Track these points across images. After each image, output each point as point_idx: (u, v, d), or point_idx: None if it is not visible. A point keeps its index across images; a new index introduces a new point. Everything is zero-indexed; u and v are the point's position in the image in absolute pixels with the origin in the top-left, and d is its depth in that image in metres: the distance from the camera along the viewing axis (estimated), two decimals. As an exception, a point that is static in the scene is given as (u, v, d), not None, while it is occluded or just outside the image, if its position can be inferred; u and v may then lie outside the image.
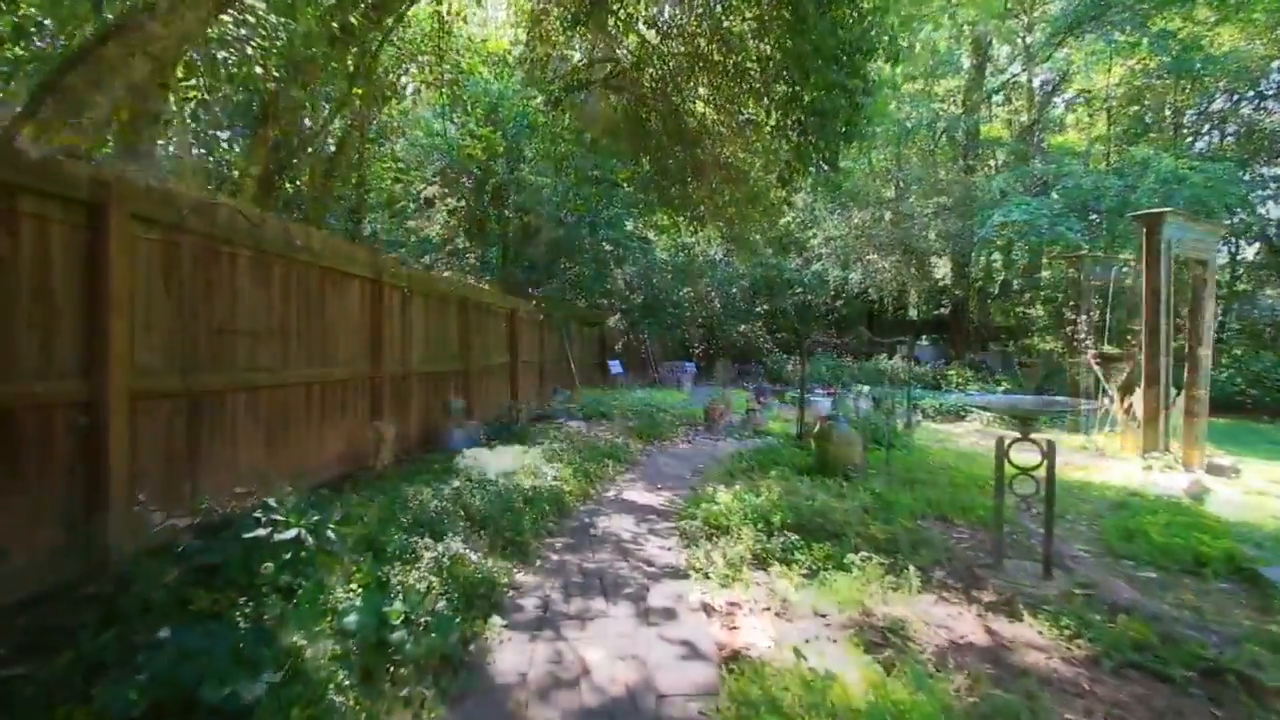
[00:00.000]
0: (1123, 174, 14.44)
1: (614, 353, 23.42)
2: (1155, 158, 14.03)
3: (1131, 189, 13.80)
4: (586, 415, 9.96)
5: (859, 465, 5.37)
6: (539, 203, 12.94)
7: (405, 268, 7.62)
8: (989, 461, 7.73)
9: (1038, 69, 20.34)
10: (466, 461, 5.94)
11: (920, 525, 4.34)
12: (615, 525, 4.51)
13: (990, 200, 16.00)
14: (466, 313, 8.97)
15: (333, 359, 5.41)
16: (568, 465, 5.87)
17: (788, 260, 22.25)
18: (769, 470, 5.53)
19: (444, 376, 8.18)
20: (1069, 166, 14.68)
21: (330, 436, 5.33)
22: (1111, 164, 16.29)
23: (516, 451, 6.48)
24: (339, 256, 5.50)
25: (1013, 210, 14.30)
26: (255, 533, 2.87)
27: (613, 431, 9.04)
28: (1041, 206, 14.25)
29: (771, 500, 4.43)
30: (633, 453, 7.46)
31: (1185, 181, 13.14)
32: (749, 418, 9.81)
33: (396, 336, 6.72)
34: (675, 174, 10.63)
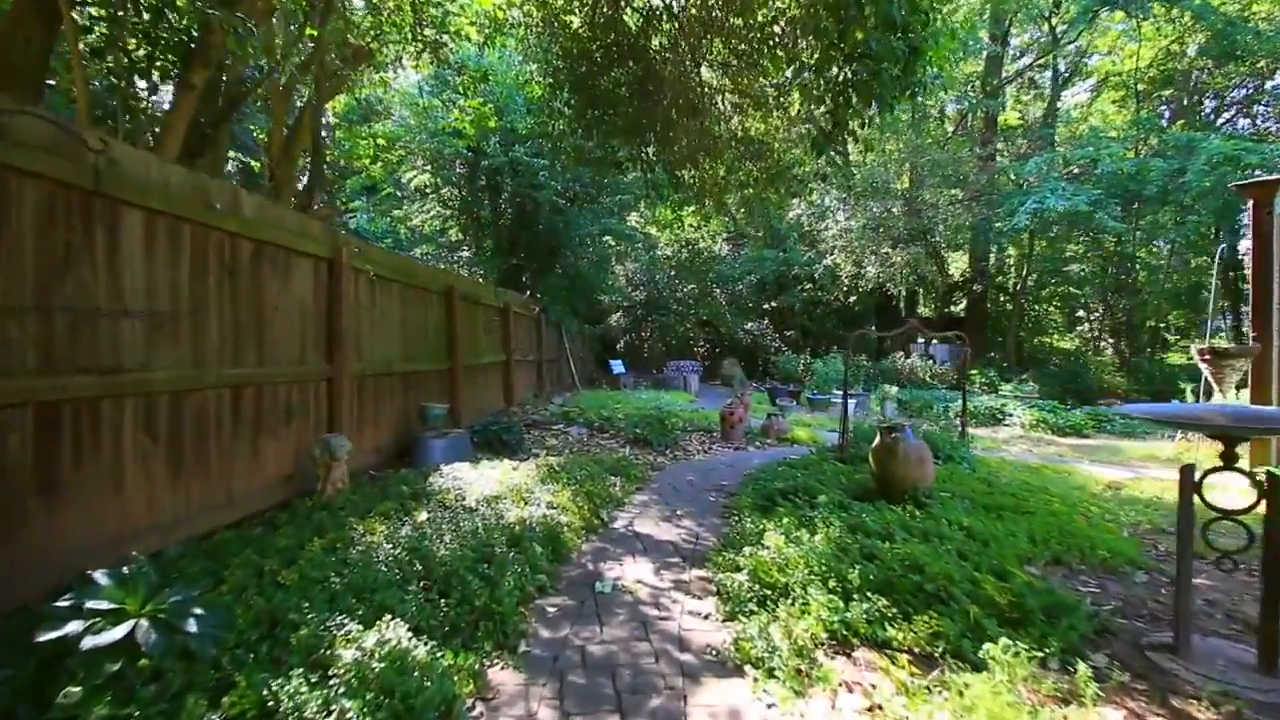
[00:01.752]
0: (1166, 157, 13.34)
1: (616, 351, 22.35)
2: (1203, 139, 12.93)
3: (1179, 172, 12.71)
4: (588, 420, 8.87)
5: (929, 488, 4.28)
6: (535, 186, 11.85)
7: (378, 249, 6.53)
8: (1071, 477, 6.60)
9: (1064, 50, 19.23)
10: (444, 481, 4.86)
11: (1034, 574, 3.25)
12: (629, 575, 3.41)
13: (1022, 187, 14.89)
14: (452, 305, 7.89)
15: (273, 355, 4.32)
16: (566, 486, 4.78)
17: (799, 254, 21.12)
18: (815, 494, 4.44)
19: (425, 377, 7.09)
20: (1108, 149, 13.61)
21: (268, 454, 4.24)
22: (1151, 147, 15.17)
23: (506, 468, 5.39)
24: (281, 228, 4.40)
25: (1048, 197, 13.20)
26: (62, 631, 1.79)
27: (618, 440, 7.96)
28: (1079, 192, 13.15)
29: (835, 542, 3.34)
30: (642, 467, 6.37)
31: (1240, 163, 12.05)
32: (770, 423, 8.72)
33: (363, 330, 5.63)
34: (686, 152, 9.54)
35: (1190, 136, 13.34)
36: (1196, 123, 17.87)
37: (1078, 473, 6.47)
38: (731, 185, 9.69)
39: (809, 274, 21.80)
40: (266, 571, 2.73)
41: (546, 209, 12.66)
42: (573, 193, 13.94)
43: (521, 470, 5.28)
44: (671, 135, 9.42)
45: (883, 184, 19.25)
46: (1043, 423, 10.61)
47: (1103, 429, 10.68)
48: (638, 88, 9.23)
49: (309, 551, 3.01)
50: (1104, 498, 5.27)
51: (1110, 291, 20.78)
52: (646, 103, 9.27)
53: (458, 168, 13.50)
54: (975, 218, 16.58)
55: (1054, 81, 19.15)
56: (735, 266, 23.13)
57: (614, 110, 9.84)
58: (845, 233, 18.27)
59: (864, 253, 18.98)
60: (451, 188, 14.17)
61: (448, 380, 7.76)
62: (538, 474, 5.13)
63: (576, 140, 10.77)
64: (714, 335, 24.86)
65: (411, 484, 4.73)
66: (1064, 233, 16.97)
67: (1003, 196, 15.81)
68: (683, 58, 9.11)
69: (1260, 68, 17.23)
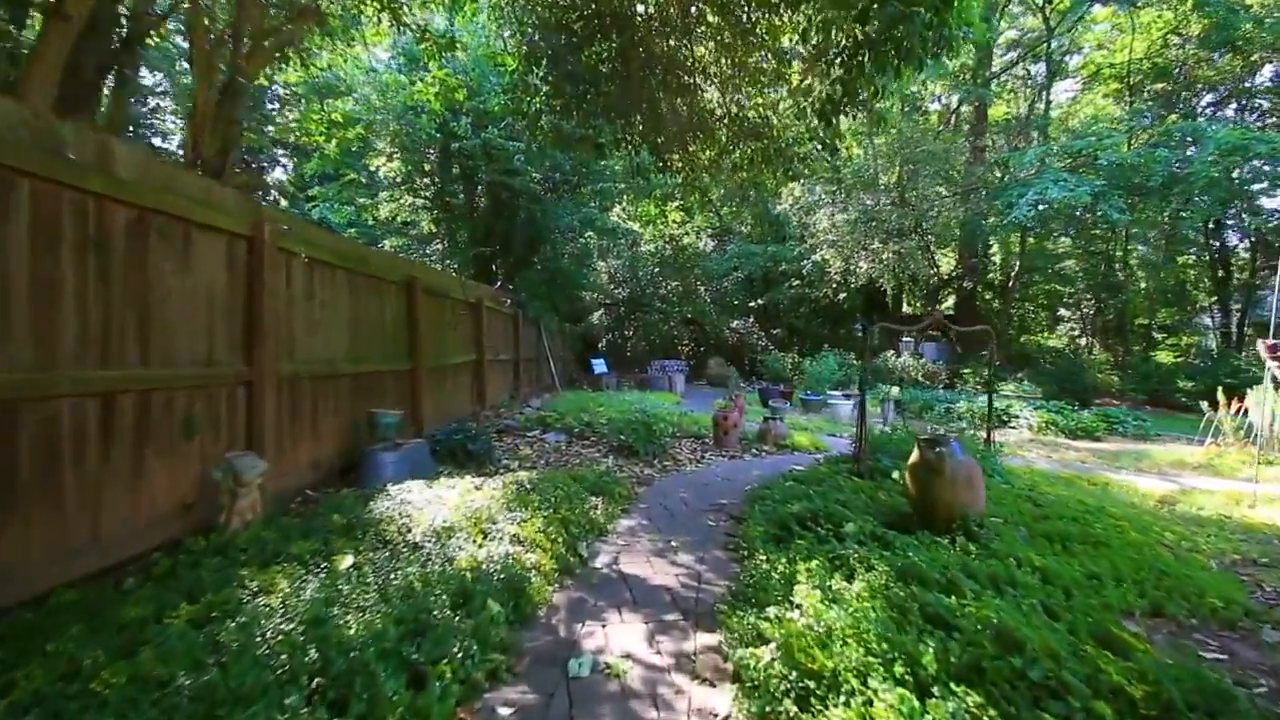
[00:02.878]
0: (1170, 148, 12.84)
1: (598, 351, 21.48)
2: (1207, 129, 12.44)
3: (1184, 163, 12.20)
4: (567, 426, 8.03)
5: (980, 514, 3.52)
6: (510, 172, 10.96)
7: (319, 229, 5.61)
8: (1112, 491, 5.66)
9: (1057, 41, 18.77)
10: (389, 506, 3.99)
11: (1139, 635, 2.49)
12: (615, 644, 2.58)
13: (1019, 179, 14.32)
14: (414, 299, 7.00)
15: (164, 353, 3.42)
16: (537, 510, 3.95)
17: (789, 249, 20.44)
18: (840, 522, 3.66)
19: (380, 380, 6.20)
20: (1109, 139, 13.10)
21: (157, 479, 3.35)
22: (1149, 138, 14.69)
23: (467, 486, 4.54)
24: (176, 194, 3.50)
25: (1049, 188, 12.62)
26: None
27: (600, 448, 7.13)
28: (1081, 184, 12.58)
29: (884, 595, 2.55)
30: (627, 482, 5.55)
31: (1248, 152, 11.57)
32: (767, 428, 7.95)
33: (298, 324, 4.74)
34: (674, 132, 8.74)
35: (1194, 126, 12.86)
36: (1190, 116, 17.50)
37: (1116, 484, 5.78)
38: (724, 168, 8.91)
39: (797, 270, 21.13)
40: (85, 668, 1.86)
41: (524, 198, 11.78)
42: (552, 182, 13.09)
43: (485, 489, 4.43)
44: (659, 115, 8.63)
45: (872, 177, 18.65)
46: (1052, 425, 9.98)
47: (1114, 431, 10.10)
48: (621, 63, 8.42)
49: (168, 627, 2.15)
50: (1164, 517, 4.57)
51: (1101, 289, 20.42)
52: (631, 80, 8.45)
53: (429, 154, 12.56)
54: (969, 211, 16.00)
55: (1048, 72, 18.66)
56: (721, 262, 22.38)
57: (595, 88, 9.00)
58: (835, 226, 17.58)
59: (854, 247, 18.34)
60: (424, 177, 13.24)
61: (408, 383, 6.87)
62: (504, 495, 4.29)
63: (554, 120, 9.94)
64: (699, 334, 24.12)
65: (347, 511, 3.86)
66: (1059, 227, 16.46)
67: (998, 190, 15.23)
68: (672, 28, 8.33)
69: (1254, 60, 16.94)
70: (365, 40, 7.71)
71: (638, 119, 8.90)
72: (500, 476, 5.02)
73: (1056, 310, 24.45)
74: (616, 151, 9.64)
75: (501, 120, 10.40)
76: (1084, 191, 12.29)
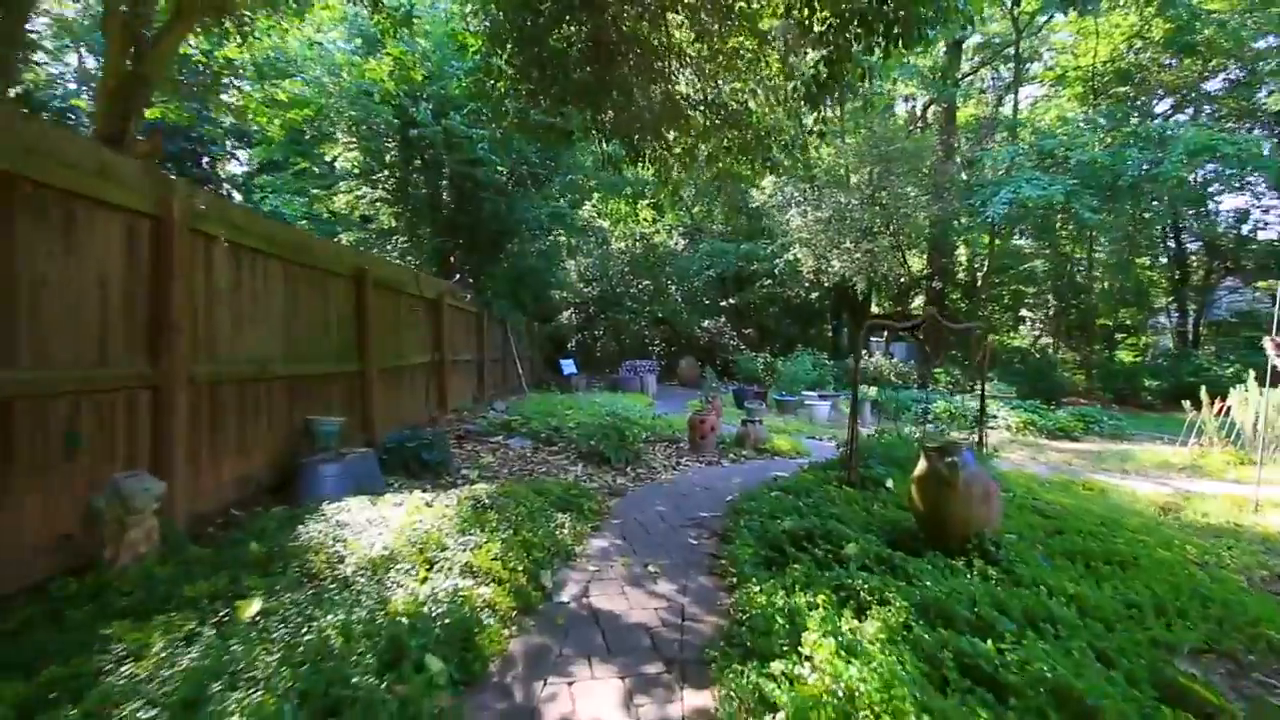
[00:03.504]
0: (1140, 148, 12.89)
1: (567, 351, 20.91)
2: (1177, 129, 12.52)
3: (1155, 163, 12.24)
4: (533, 431, 7.51)
5: (995, 532, 3.14)
6: (474, 162, 10.35)
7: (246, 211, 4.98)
8: (1108, 496, 5.18)
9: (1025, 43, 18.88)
10: (321, 530, 3.44)
11: (1193, 676, 2.12)
12: (581, 710, 2.10)
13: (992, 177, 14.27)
14: (364, 293, 6.41)
15: (37, 352, 2.83)
16: (495, 532, 3.45)
17: (761, 247, 20.18)
18: (839, 541, 3.24)
19: (323, 383, 5.60)
20: (1080, 138, 13.11)
21: (25, 508, 2.75)
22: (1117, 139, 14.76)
23: (417, 503, 4.00)
24: (52, 159, 2.90)
25: (1023, 186, 12.55)
26: None
27: (568, 455, 6.63)
28: (1055, 182, 12.54)
29: (905, 638, 2.13)
30: (598, 494, 5.07)
31: (1216, 152, 11.65)
32: (746, 431, 7.55)
33: (219, 319, 4.14)
34: (648, 120, 8.30)
35: (1163, 126, 12.95)
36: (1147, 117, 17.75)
37: (1112, 489, 5.52)
38: (699, 157, 8.49)
39: (769, 269, 20.91)
40: None
41: (488, 191, 11.19)
42: (519, 174, 12.51)
43: (437, 506, 3.90)
44: (632, 102, 8.17)
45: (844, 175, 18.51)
46: (1030, 425, 9.83)
47: (1091, 431, 9.99)
48: (592, 47, 7.94)
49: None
50: (1171, 525, 4.28)
51: (1067, 289, 20.65)
52: (602, 65, 7.99)
53: (388, 143, 11.86)
54: (942, 209, 15.92)
55: (1017, 72, 18.76)
56: (693, 261, 22.02)
57: (564, 73, 8.50)
58: (808, 225, 17.36)
59: (827, 246, 18.15)
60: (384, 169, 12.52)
61: (357, 385, 6.28)
62: (458, 513, 3.77)
63: (520, 105, 9.40)
64: (670, 333, 23.74)
65: (270, 538, 3.30)
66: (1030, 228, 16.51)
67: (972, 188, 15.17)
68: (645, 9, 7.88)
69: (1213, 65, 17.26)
70: (313, 5, 7.05)
71: (608, 106, 8.41)
72: (456, 490, 4.49)
73: (1019, 311, 24.74)
74: (586, 140, 9.15)
75: (464, 107, 9.80)
76: (1058, 190, 12.25)
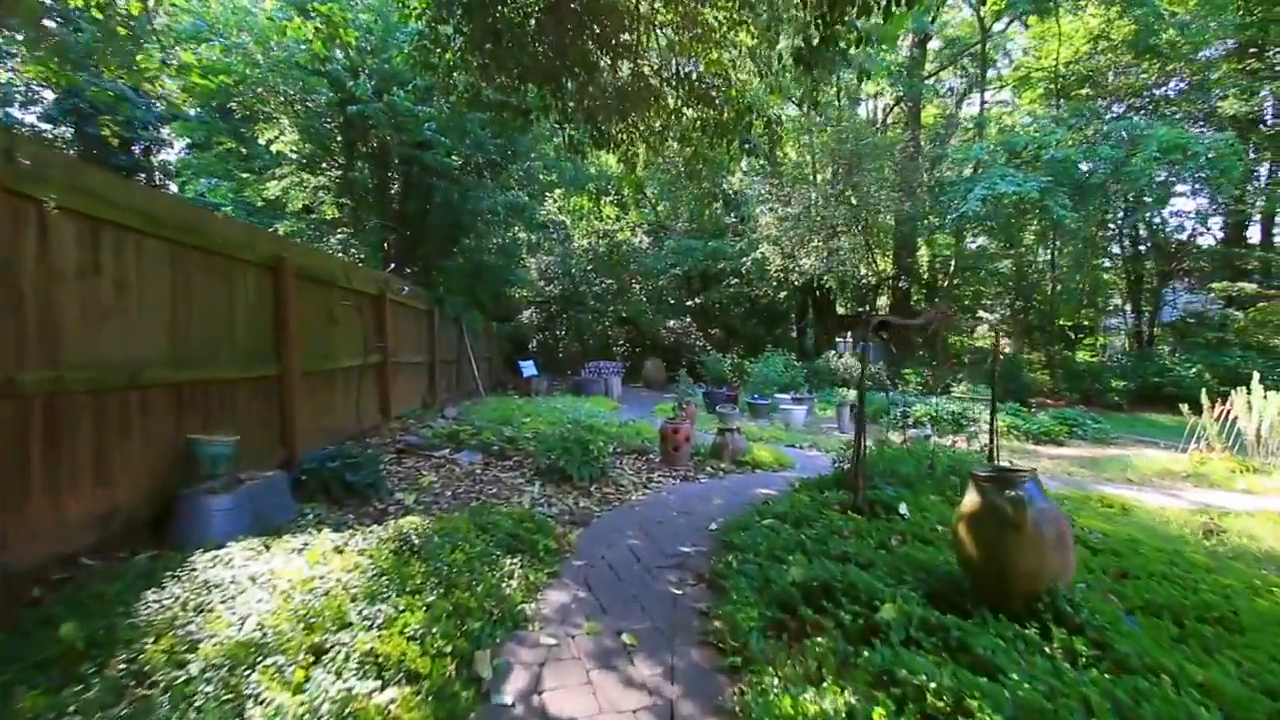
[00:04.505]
0: (1112, 145, 12.73)
1: (528, 352, 19.94)
2: (1148, 127, 12.38)
3: (1120, 163, 12.07)
4: (485, 442, 6.63)
5: (1069, 585, 2.45)
6: (422, 144, 9.39)
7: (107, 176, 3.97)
8: (1135, 514, 4.41)
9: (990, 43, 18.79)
10: (179, 595, 2.54)
11: None
12: None
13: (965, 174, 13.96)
14: (283, 285, 5.45)
15: None
16: (420, 590, 2.61)
17: (728, 243, 19.62)
18: (867, 598, 2.52)
19: (227, 390, 4.63)
20: (1053, 135, 12.89)
21: None
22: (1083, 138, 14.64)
23: (322, 550, 3.11)
24: None
25: (999, 182, 12.22)
26: None
27: (524, 471, 5.78)
28: (1029, 179, 12.25)
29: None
30: (558, 524, 4.25)
31: (1187, 150, 11.52)
32: (724, 441, 6.81)
33: (67, 311, 3.19)
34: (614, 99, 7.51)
35: (1131, 123, 12.82)
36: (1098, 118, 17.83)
37: (1132, 506, 4.97)
38: (669, 139, 7.75)
39: (736, 268, 20.38)
40: None
41: (439, 178, 10.21)
42: (474, 162, 11.56)
43: (349, 554, 3.03)
44: (596, 78, 7.37)
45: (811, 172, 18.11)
46: (1014, 429, 9.40)
47: (1074, 434, 9.63)
48: (551, 16, 7.12)
49: None
50: (1224, 553, 3.71)
51: (1031, 289, 20.70)
52: (562, 37, 7.17)
53: (327, 123, 10.78)
54: (914, 208, 15.59)
55: (983, 71, 18.64)
56: (658, 259, 21.32)
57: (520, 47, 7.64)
58: (777, 222, 16.85)
59: (795, 244, 17.68)
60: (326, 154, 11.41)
61: (274, 392, 5.31)
62: (375, 562, 2.91)
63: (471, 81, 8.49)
64: (635, 334, 22.99)
65: (100, 613, 2.39)
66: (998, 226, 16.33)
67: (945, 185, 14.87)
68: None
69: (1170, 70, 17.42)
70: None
71: (569, 83, 7.58)
72: (378, 529, 3.61)
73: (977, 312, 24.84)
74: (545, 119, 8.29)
75: (409, 81, 8.83)
76: (1033, 187, 11.97)
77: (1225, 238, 20.28)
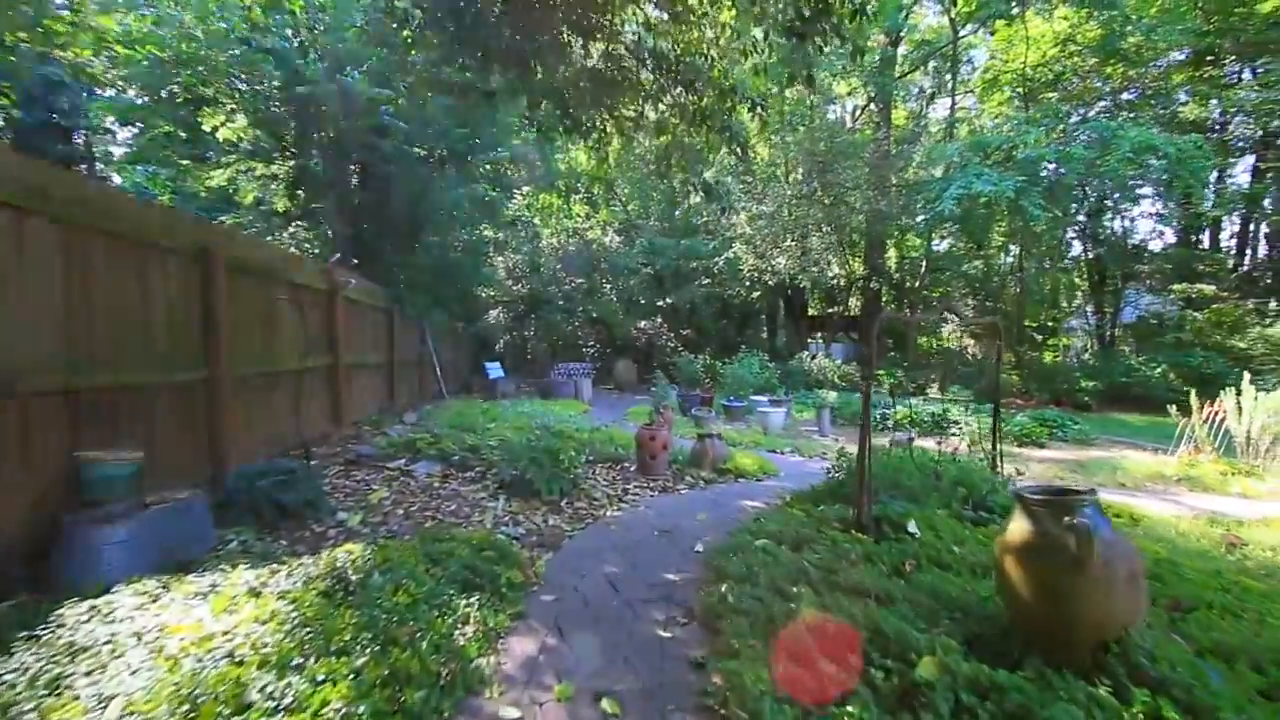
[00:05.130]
0: (1085, 145, 12.73)
1: (494, 353, 19.24)
2: (1120, 128, 12.40)
3: (1096, 162, 12.06)
4: (444, 451, 6.05)
5: (1139, 628, 2.07)
6: (379, 131, 8.74)
7: None
8: (1151, 525, 4.12)
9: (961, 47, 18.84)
10: (29, 667, 1.96)
11: None
12: None
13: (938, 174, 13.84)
14: (212, 277, 4.82)
15: None
16: (348, 655, 2.10)
17: (700, 242, 19.28)
18: (899, 647, 2.09)
19: (140, 398, 3.99)
20: (1026, 135, 12.84)
21: None
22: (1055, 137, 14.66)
23: (233, 593, 2.55)
24: None
25: (975, 181, 12.08)
26: None
27: (486, 485, 5.24)
28: (1005, 179, 12.15)
29: None
30: (523, 548, 3.75)
31: (1158, 151, 11.55)
32: (704, 448, 6.36)
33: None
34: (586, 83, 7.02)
35: (1102, 124, 12.83)
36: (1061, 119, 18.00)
37: (1143, 515, 4.68)
38: (645, 126, 7.29)
39: (708, 267, 20.04)
40: None
41: (398, 167, 9.56)
42: (438, 154, 10.92)
43: (267, 599, 2.47)
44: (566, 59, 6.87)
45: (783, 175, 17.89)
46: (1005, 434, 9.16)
47: (1054, 436, 9.47)
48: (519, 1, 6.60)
49: None
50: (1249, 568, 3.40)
51: (998, 290, 20.85)
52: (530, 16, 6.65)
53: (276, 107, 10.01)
54: (889, 206, 15.44)
55: (954, 73, 18.66)
56: (629, 258, 20.86)
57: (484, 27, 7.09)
58: (753, 219, 16.55)
59: (769, 244, 17.40)
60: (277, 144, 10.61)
61: (200, 400, 4.68)
62: (298, 609, 2.36)
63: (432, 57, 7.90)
64: (605, 334, 22.45)
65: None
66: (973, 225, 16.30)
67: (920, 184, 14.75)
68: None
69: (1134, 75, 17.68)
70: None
71: (537, 66, 7.05)
72: (313, 559, 3.06)
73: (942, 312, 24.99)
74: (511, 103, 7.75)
75: (364, 62, 8.19)
76: (1009, 186, 11.87)
77: (1178, 241, 20.80)
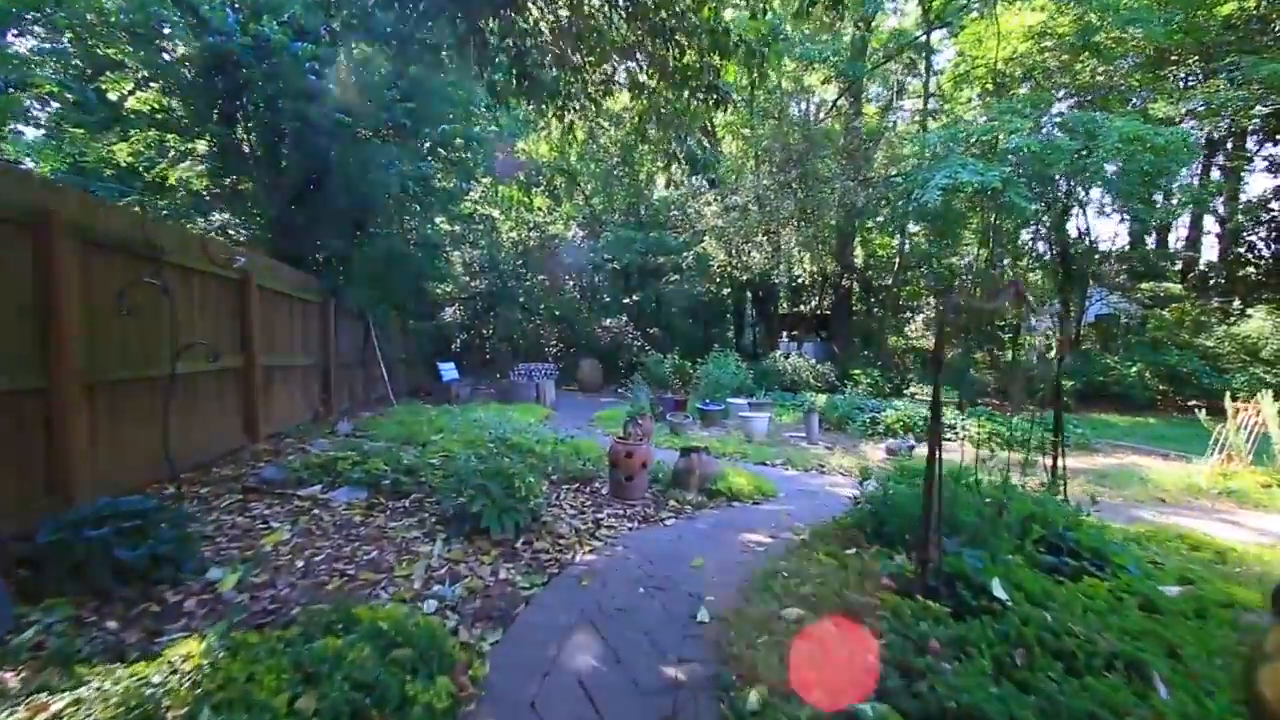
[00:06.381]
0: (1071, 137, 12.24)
1: (451, 353, 17.93)
2: (1106, 119, 11.95)
3: (1086, 152, 11.58)
4: (373, 472, 4.90)
5: None
6: (305, 95, 7.49)
7: None
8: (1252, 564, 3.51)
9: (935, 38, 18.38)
10: None
11: None
12: None
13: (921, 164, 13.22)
14: (52, 255, 3.62)
15: None
16: None
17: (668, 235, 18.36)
18: None
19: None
20: (1011, 125, 12.30)
21: None
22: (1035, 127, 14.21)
23: None
24: None
25: (960, 171, 11.45)
26: None
27: (423, 519, 4.14)
28: (990, 169, 11.56)
29: None
30: (455, 630, 2.70)
31: (1146, 143, 11.12)
32: (690, 464, 5.35)
33: None
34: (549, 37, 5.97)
35: (1089, 116, 12.38)
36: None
37: (1222, 546, 3.90)
38: (615, 91, 6.30)
39: (676, 263, 19.14)
40: None
41: (329, 139, 8.29)
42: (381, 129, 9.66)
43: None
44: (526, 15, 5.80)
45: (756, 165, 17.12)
46: (997, 436, 8.48)
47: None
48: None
49: None
50: None
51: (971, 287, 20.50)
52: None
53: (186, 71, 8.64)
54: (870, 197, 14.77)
55: (927, 63, 18.18)
56: (595, 253, 19.80)
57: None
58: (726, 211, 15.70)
59: (743, 239, 16.58)
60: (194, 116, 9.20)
61: (30, 415, 3.48)
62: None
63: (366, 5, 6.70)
64: (568, 333, 21.33)
65: None
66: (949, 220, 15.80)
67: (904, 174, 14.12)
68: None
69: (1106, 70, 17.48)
70: None
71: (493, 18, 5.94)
72: (124, 670, 1.95)
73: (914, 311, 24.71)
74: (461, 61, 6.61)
75: (284, 11, 6.94)
76: (994, 177, 11.27)
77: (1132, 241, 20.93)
